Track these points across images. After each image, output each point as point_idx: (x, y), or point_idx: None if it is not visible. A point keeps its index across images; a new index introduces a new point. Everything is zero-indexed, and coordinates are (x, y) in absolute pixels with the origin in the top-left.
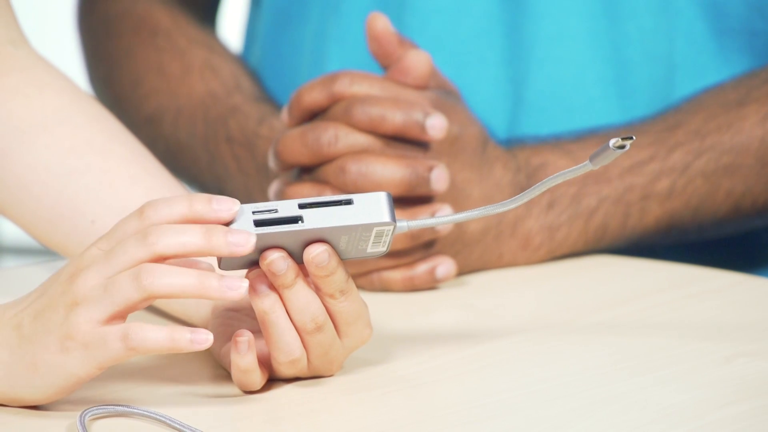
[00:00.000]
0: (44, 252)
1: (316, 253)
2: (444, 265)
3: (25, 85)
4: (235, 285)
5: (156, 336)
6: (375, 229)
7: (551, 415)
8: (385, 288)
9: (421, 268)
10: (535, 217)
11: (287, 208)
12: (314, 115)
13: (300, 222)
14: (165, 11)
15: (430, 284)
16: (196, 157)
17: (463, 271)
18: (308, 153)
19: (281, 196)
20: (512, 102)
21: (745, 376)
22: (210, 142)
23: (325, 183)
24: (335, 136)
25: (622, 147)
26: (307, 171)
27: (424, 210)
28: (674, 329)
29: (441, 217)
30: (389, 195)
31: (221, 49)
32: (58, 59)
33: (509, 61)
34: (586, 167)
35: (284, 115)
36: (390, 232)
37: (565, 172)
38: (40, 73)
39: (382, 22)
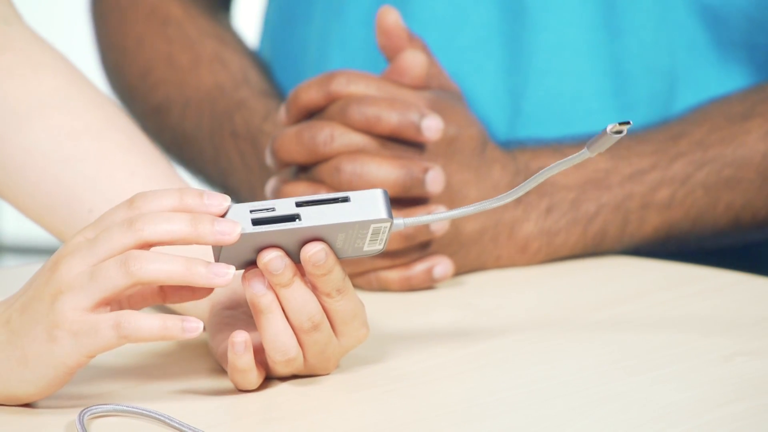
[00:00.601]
0: (44, 251)
1: (313, 251)
2: (441, 265)
3: (19, 66)
4: (222, 272)
5: (149, 324)
6: (372, 227)
7: (551, 414)
8: (383, 288)
9: (419, 268)
10: (534, 221)
11: (284, 206)
12: (311, 114)
13: (297, 220)
14: (177, 1)
15: (428, 284)
16: (201, 149)
17: (460, 272)
18: (304, 152)
19: (277, 193)
20: (510, 113)
21: (744, 374)
22: (215, 135)
23: (320, 182)
24: (331, 136)
25: (619, 132)
26: (304, 170)
27: (420, 211)
28: (674, 328)
29: (437, 214)
30: (386, 192)
31: (232, 41)
32: (73, 47)
33: (508, 71)
34: (583, 155)
35: (282, 113)
36: (386, 229)
37: (561, 161)
38: (34, 53)
39: (393, 16)
